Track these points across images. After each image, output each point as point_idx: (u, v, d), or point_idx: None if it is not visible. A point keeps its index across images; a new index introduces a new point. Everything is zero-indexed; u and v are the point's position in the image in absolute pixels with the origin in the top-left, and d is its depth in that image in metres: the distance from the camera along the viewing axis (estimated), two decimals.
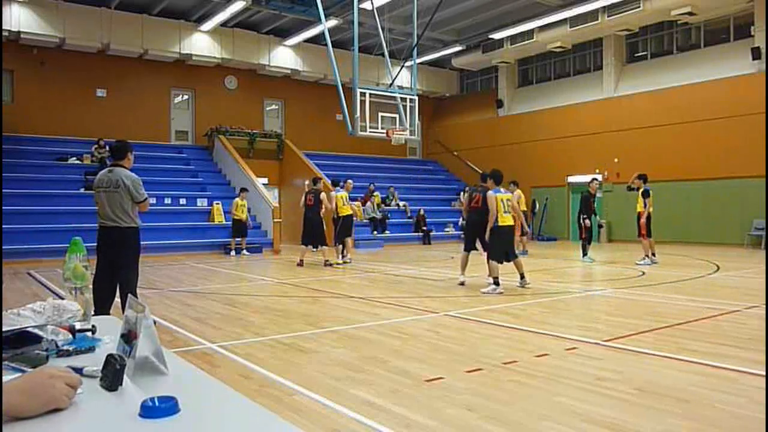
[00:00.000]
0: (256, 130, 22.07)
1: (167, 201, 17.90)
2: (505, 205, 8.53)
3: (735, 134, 17.31)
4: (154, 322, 1.52)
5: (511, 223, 8.67)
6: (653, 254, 12.43)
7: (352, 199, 18.96)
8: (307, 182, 16.16)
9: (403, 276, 10.63)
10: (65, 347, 1.67)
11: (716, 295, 8.09)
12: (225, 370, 4.39)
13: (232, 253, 15.73)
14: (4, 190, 14.81)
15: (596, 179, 13.72)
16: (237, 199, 16.29)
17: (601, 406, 3.44)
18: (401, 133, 15.10)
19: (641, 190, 12.45)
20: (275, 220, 17.82)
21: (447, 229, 21.54)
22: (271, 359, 4.68)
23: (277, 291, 9.06)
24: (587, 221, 12.99)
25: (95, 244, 5.72)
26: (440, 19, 18.92)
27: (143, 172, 19.14)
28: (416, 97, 15.92)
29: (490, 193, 8.66)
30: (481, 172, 14.20)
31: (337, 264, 12.55)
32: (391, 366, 4.39)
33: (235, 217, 15.97)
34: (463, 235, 13.56)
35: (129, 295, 1.70)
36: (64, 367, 1.29)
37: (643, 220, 12.28)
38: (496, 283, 8.25)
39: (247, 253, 16.09)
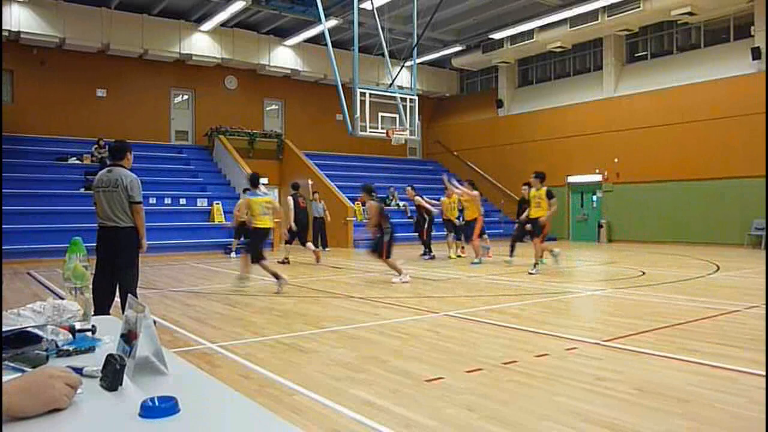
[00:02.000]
0: (256, 130, 22.09)
1: (167, 201, 17.90)
2: (263, 207, 9.30)
3: (735, 134, 17.31)
4: (154, 322, 1.52)
5: (268, 225, 9.43)
6: (541, 258, 11.30)
7: (352, 200, 19.03)
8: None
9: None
10: (65, 347, 1.67)
11: (716, 295, 8.09)
12: (225, 370, 4.39)
13: (233, 254, 15.43)
14: (3, 190, 14.81)
15: (527, 185, 12.27)
16: (241, 200, 15.31)
17: (601, 406, 3.44)
18: (401, 133, 15.11)
19: (544, 191, 10.86)
20: (275, 220, 17.80)
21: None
22: (271, 359, 4.68)
23: (277, 291, 9.05)
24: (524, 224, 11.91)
25: (95, 244, 5.72)
26: (440, 19, 18.92)
27: (143, 172, 19.20)
28: (416, 97, 15.92)
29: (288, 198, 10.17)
30: (481, 172, 14.26)
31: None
32: (391, 366, 4.39)
33: (240, 219, 14.17)
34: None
35: (129, 295, 1.70)
36: (64, 366, 1.29)
37: (545, 221, 10.83)
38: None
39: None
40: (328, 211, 16.05)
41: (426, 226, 14.47)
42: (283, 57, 22.37)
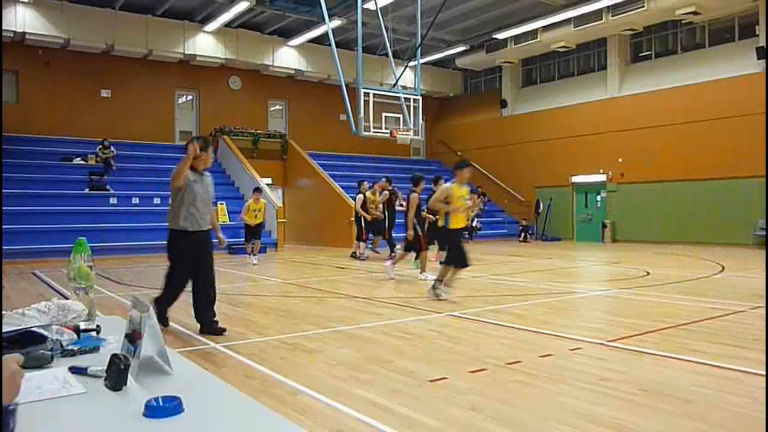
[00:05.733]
0: (259, 131, 22.11)
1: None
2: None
3: (739, 134, 17.25)
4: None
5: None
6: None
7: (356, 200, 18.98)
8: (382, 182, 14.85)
9: (407, 276, 10.62)
10: (70, 347, 1.67)
11: (721, 295, 8.06)
12: (229, 370, 4.40)
13: (253, 259, 13.38)
14: (8, 191, 14.86)
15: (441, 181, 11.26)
16: (250, 201, 13.65)
17: (605, 407, 3.44)
18: (405, 133, 15.10)
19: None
20: (279, 220, 17.83)
21: None
22: (275, 359, 4.68)
23: (281, 291, 9.07)
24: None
25: (173, 250, 5.93)
26: (444, 19, 18.91)
27: (147, 173, 19.32)
28: (420, 97, 15.92)
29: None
30: (485, 172, 14.24)
31: None
32: (394, 366, 4.39)
33: (246, 222, 13.63)
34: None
35: (134, 295, 1.70)
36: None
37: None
38: None
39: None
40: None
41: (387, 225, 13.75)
42: (287, 57, 22.39)
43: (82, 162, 18.34)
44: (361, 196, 14.17)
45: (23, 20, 17.71)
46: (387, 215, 13.87)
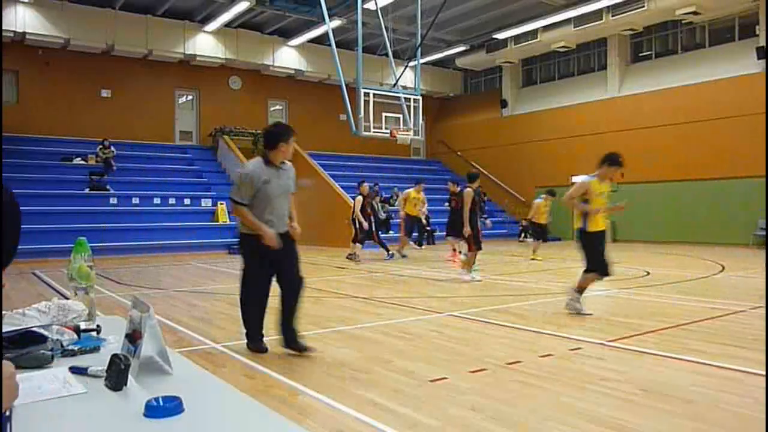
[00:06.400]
0: (260, 131, 22.08)
1: (171, 201, 17.94)
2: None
3: (739, 134, 17.24)
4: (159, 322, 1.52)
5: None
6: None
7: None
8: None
9: (407, 276, 10.63)
10: (70, 347, 1.67)
11: (721, 295, 8.06)
12: (229, 370, 4.40)
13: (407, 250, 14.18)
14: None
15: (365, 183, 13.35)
16: (411, 190, 14.44)
17: (606, 407, 3.44)
18: (405, 133, 15.10)
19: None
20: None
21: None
22: (276, 359, 4.68)
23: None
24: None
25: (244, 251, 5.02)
26: (444, 19, 18.90)
27: (147, 173, 19.32)
28: (420, 97, 15.92)
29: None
30: (485, 172, 14.31)
31: None
32: (395, 366, 4.39)
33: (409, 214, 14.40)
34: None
35: (134, 295, 1.71)
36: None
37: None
38: None
39: None
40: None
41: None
42: (287, 57, 22.39)
43: (82, 162, 18.34)
44: (360, 197, 14.13)
45: (23, 20, 17.71)
46: (374, 217, 14.12)
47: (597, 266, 6.63)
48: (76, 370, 1.47)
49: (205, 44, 20.70)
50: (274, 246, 4.63)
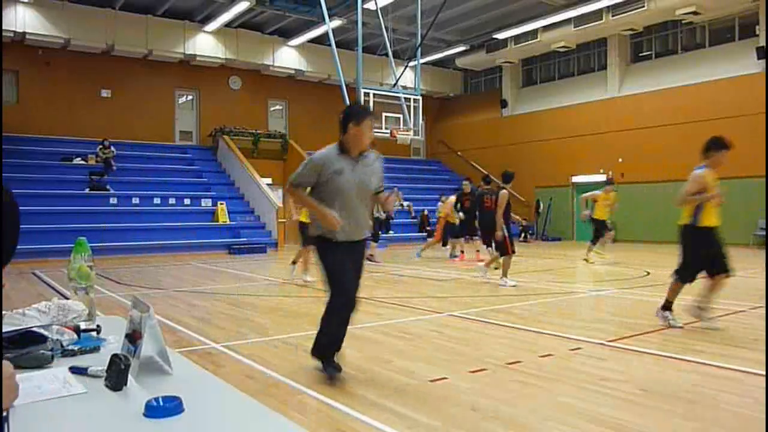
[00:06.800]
0: (260, 130, 22.12)
1: (171, 201, 17.95)
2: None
3: (739, 134, 17.15)
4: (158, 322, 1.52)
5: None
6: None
7: None
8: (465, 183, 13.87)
9: (407, 276, 10.63)
10: (70, 347, 1.67)
11: (721, 295, 8.04)
12: (229, 370, 4.39)
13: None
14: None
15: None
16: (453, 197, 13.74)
17: (606, 407, 3.44)
18: (405, 132, 15.11)
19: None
20: (280, 220, 17.83)
21: None
22: (276, 359, 4.68)
23: (281, 291, 9.07)
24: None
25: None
26: (444, 19, 18.91)
27: (147, 173, 19.31)
28: (420, 97, 15.92)
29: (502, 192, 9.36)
30: (485, 172, 14.24)
31: None
32: (395, 366, 4.39)
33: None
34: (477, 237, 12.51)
35: (134, 295, 1.70)
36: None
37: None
38: None
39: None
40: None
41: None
42: (287, 57, 22.39)
43: (83, 162, 18.34)
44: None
45: (23, 20, 17.71)
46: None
47: (693, 268, 5.93)
48: (76, 370, 1.47)
49: (205, 44, 20.71)
50: (334, 227, 3.84)
